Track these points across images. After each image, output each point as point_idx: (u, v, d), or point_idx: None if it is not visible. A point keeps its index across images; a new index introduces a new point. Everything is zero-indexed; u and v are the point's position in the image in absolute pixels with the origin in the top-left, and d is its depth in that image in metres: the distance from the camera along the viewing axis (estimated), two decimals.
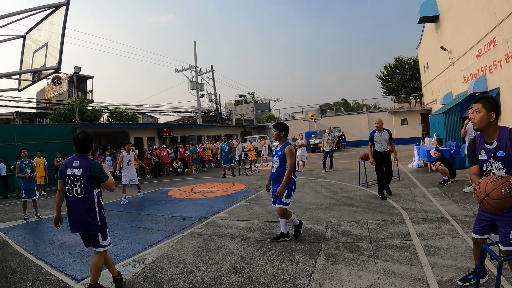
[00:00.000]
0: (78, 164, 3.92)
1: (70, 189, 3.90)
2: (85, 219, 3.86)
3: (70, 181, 3.90)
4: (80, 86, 29.81)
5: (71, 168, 3.91)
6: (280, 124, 5.59)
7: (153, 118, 42.62)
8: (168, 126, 25.87)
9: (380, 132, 8.34)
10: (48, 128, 18.40)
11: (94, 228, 3.92)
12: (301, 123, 37.47)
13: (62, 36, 5.67)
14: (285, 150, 5.35)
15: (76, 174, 3.88)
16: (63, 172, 3.95)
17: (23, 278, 4.72)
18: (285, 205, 5.34)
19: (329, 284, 3.78)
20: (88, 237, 3.97)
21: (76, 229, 3.92)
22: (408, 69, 43.14)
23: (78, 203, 3.87)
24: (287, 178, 5.23)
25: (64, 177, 3.94)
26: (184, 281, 4.20)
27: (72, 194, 3.89)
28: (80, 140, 3.99)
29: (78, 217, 3.86)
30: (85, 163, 3.94)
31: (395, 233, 5.40)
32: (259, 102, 59.42)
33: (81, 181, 3.87)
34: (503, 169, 3.00)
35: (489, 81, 14.65)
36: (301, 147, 15.49)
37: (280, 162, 5.44)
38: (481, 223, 3.27)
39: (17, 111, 24.64)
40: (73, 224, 3.91)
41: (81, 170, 3.89)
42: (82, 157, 4.00)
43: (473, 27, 15.78)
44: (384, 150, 8.22)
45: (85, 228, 3.88)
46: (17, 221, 8.74)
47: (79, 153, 4.04)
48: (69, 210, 3.93)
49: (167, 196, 11.32)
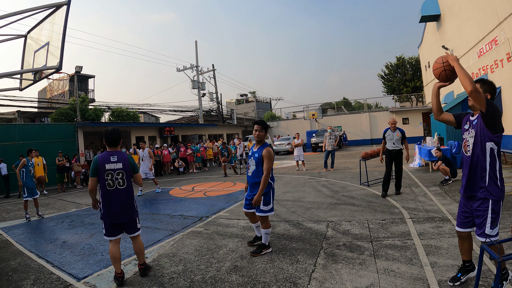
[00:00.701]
0: (117, 158, 4.26)
1: (111, 183, 4.20)
2: (130, 206, 4.32)
3: (110, 175, 4.20)
4: (81, 86, 29.80)
5: (109, 163, 4.21)
6: (264, 122, 5.07)
7: (155, 117, 42.61)
8: (169, 125, 25.89)
9: (393, 131, 8.43)
10: (49, 127, 18.40)
11: (135, 214, 4.42)
12: (303, 122, 37.48)
13: (63, 36, 5.68)
14: (263, 153, 4.81)
15: (117, 168, 4.23)
16: (100, 168, 4.17)
17: (24, 276, 4.74)
18: (265, 213, 4.88)
19: (329, 283, 3.78)
20: (128, 224, 4.35)
21: (121, 218, 4.23)
22: (410, 68, 43.05)
23: (122, 194, 4.25)
24: (264, 184, 4.74)
25: (102, 173, 4.17)
26: (184, 280, 4.21)
27: (114, 187, 4.21)
28: (111, 134, 4.31)
29: (122, 207, 4.23)
30: (123, 156, 4.35)
31: (396, 233, 5.41)
32: (261, 101, 59.44)
33: (123, 173, 4.26)
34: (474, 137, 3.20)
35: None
36: (298, 147, 15.50)
37: (257, 166, 4.91)
38: (463, 215, 3.37)
39: (19, 111, 24.65)
40: (114, 215, 4.20)
41: (121, 163, 4.27)
42: (116, 152, 4.33)
43: (475, 26, 15.77)
44: (394, 148, 8.30)
45: (130, 215, 4.31)
46: (19, 220, 8.77)
47: (111, 147, 4.35)
48: (110, 202, 4.20)
49: (168, 195, 11.34)
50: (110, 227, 4.27)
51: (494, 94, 3.33)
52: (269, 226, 4.99)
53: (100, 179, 4.20)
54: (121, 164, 4.27)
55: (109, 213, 4.20)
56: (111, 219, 4.21)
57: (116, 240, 4.32)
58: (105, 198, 4.20)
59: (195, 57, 31.44)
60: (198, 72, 31.43)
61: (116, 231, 4.31)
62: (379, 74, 46.76)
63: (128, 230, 4.38)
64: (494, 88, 3.34)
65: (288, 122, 40.98)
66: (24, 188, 8.79)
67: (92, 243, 6.18)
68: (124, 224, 4.32)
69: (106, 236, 4.34)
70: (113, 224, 4.24)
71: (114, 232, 4.30)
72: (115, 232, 4.30)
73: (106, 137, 4.33)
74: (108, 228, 4.28)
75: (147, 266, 4.54)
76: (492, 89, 3.30)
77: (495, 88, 3.38)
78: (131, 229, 4.39)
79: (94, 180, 4.24)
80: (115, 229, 4.29)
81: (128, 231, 4.38)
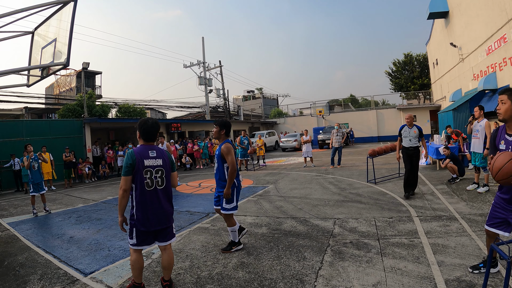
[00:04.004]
0: (156, 154, 3.68)
1: (150, 182, 3.58)
2: (169, 210, 3.74)
3: (149, 173, 3.59)
4: (88, 82, 29.90)
5: (148, 159, 3.61)
6: (222, 121, 5.10)
7: (161, 114, 42.69)
8: (176, 121, 25.89)
9: (410, 127, 8.04)
10: (56, 123, 18.53)
11: (172, 218, 3.82)
12: (309, 119, 37.41)
13: (70, 32, 5.69)
14: (222, 148, 4.85)
15: (156, 165, 3.65)
16: (138, 165, 3.54)
17: (31, 271, 4.76)
18: (228, 211, 4.92)
19: (336, 281, 3.77)
20: (164, 230, 3.73)
21: (159, 224, 3.63)
22: (417, 65, 42.79)
23: (161, 195, 3.66)
24: (231, 177, 4.78)
25: (141, 170, 3.54)
26: (191, 276, 4.21)
27: (153, 187, 3.61)
28: (151, 126, 3.71)
29: (161, 210, 3.64)
30: (162, 152, 3.76)
31: (403, 231, 5.38)
32: (267, 98, 59.36)
33: (163, 171, 3.68)
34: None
35: (499, 78, 14.47)
36: (306, 143, 15.60)
37: (218, 162, 4.97)
38: (494, 219, 3.36)
39: (26, 107, 24.77)
40: (155, 220, 3.59)
41: (161, 160, 3.69)
42: (153, 147, 3.74)
43: (483, 23, 15.59)
44: (411, 146, 7.92)
45: (168, 219, 3.72)
46: (26, 215, 8.83)
47: (147, 141, 3.74)
48: (148, 205, 3.58)
49: (174, 191, 11.34)
50: (144, 235, 3.61)
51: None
52: (234, 224, 5.02)
53: (137, 177, 3.54)
54: (161, 160, 3.68)
55: (146, 218, 3.54)
56: (148, 226, 3.55)
57: (141, 249, 3.72)
58: (142, 201, 3.55)
59: (202, 53, 31.46)
60: (205, 69, 31.42)
61: (150, 239, 3.68)
62: (386, 71, 46.58)
63: (163, 237, 3.72)
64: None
65: (295, 118, 40.93)
66: (30, 184, 8.86)
67: (99, 239, 6.21)
68: (160, 230, 3.69)
69: (135, 246, 3.63)
70: (149, 231, 3.61)
71: (147, 240, 3.66)
72: (147, 241, 3.67)
73: (145, 130, 3.69)
74: (140, 236, 3.60)
75: (172, 283, 3.85)
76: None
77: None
78: (167, 235, 3.75)
79: (128, 180, 3.52)
80: (149, 237, 3.66)
81: (162, 238, 3.72)
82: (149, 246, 3.76)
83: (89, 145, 18.59)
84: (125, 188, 3.50)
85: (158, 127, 3.79)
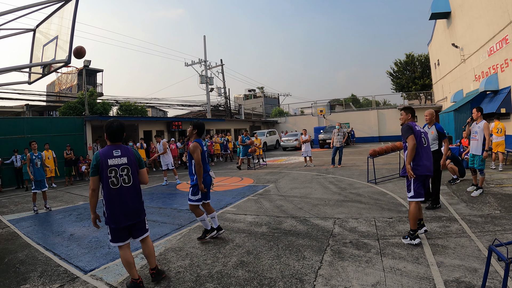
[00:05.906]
0: (120, 152, 3.81)
1: (115, 180, 3.72)
2: (137, 206, 3.88)
3: (114, 172, 3.72)
4: (89, 80, 29.95)
5: (112, 159, 3.74)
6: (196, 122, 5.58)
7: (162, 112, 42.73)
8: (177, 119, 25.92)
9: (429, 126, 6.92)
10: (57, 121, 18.55)
11: (143, 213, 3.99)
12: (310, 118, 37.38)
13: (72, 30, 5.69)
14: (190, 147, 5.34)
15: (121, 163, 3.78)
16: (102, 165, 3.69)
17: (31, 269, 4.79)
18: (191, 202, 5.41)
19: (335, 281, 3.78)
20: (136, 226, 3.91)
21: (127, 220, 3.77)
22: (419, 66, 42.69)
23: (127, 192, 3.78)
24: (199, 174, 5.27)
25: (105, 169, 3.69)
26: (191, 274, 4.22)
27: (119, 185, 3.74)
28: (115, 128, 3.84)
29: (130, 206, 3.78)
30: (128, 150, 3.88)
31: (403, 231, 5.37)
32: (269, 97, 59.36)
33: (128, 169, 3.81)
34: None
35: (500, 79, 14.47)
36: (305, 143, 15.62)
37: (189, 160, 5.48)
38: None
39: (27, 104, 24.83)
40: (123, 216, 3.73)
41: (126, 158, 3.82)
42: (119, 146, 3.86)
43: (485, 24, 15.57)
44: None
45: (138, 215, 3.88)
46: (27, 213, 8.86)
47: (113, 142, 3.87)
48: (117, 202, 3.72)
49: (175, 189, 11.38)
50: (117, 232, 3.78)
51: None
52: (201, 214, 5.49)
53: (103, 176, 3.70)
54: (126, 158, 3.80)
55: (114, 216, 3.71)
56: (116, 223, 3.71)
57: (126, 245, 3.87)
58: (109, 199, 3.71)
59: (204, 52, 31.47)
60: (206, 67, 31.40)
61: (125, 235, 3.83)
62: (388, 71, 46.52)
63: (136, 232, 3.91)
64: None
65: (296, 118, 40.88)
66: (32, 181, 8.87)
67: (99, 236, 6.22)
68: (131, 226, 3.85)
69: (113, 243, 3.82)
70: (120, 228, 3.76)
71: (122, 236, 3.81)
72: (123, 237, 3.82)
73: (108, 131, 3.84)
74: (114, 233, 3.78)
75: (159, 271, 4.12)
76: None
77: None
78: (139, 230, 3.94)
79: (96, 180, 3.71)
80: (122, 233, 3.81)
81: (136, 233, 3.92)
82: (125, 242, 3.87)
83: (90, 143, 18.61)
84: (93, 188, 3.72)
85: (122, 128, 3.94)
